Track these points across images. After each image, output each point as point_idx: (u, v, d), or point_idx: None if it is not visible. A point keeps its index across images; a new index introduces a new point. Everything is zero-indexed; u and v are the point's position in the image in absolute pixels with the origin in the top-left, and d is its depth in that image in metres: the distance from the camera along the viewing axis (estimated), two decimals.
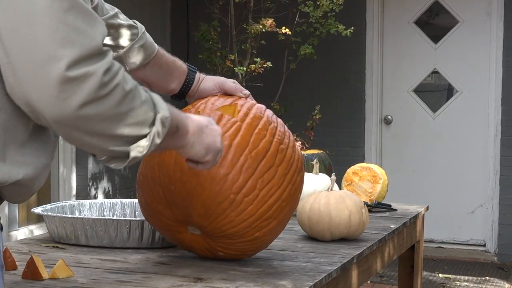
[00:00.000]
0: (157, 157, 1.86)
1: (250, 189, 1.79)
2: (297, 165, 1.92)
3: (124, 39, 1.89)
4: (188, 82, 2.00)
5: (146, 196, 1.89)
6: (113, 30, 1.87)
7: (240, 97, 1.97)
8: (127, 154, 1.36)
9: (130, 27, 1.90)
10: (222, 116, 1.86)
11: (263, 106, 1.95)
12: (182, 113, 1.52)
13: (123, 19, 1.90)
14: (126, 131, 1.32)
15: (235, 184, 1.78)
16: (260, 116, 1.89)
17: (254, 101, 1.97)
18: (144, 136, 1.36)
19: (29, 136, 1.35)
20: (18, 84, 1.23)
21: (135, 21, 1.94)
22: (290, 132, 1.97)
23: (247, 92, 1.97)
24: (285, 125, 1.96)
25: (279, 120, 1.96)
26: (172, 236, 1.94)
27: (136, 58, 1.90)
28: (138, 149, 1.36)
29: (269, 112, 1.94)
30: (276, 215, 1.85)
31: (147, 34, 1.94)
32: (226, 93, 1.99)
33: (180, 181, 1.79)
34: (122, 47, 1.88)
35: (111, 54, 1.29)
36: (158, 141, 1.38)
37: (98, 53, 1.25)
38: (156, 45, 1.96)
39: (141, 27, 1.93)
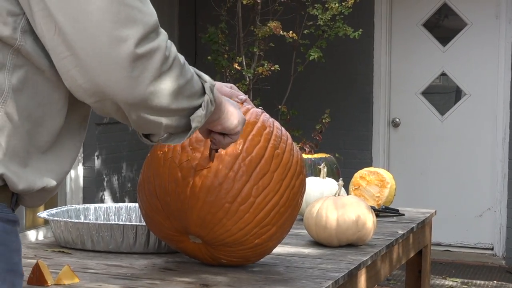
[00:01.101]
0: (152, 169, 1.85)
1: (245, 197, 1.78)
2: (295, 169, 1.89)
3: None
4: None
5: (145, 207, 1.88)
6: None
7: (237, 102, 1.92)
8: (187, 128, 1.39)
9: None
10: None
11: (258, 111, 1.93)
12: None
13: None
14: (187, 103, 1.35)
15: (229, 193, 1.77)
16: (254, 122, 1.87)
17: (250, 106, 1.93)
18: (199, 106, 1.39)
19: (52, 144, 1.35)
20: (86, 73, 1.23)
21: None
22: (289, 135, 1.94)
23: (243, 97, 1.92)
24: (282, 128, 1.94)
25: (276, 124, 1.93)
26: (175, 245, 1.93)
27: None
28: (198, 119, 1.39)
29: (264, 117, 1.91)
30: (275, 221, 1.83)
31: None
32: None
33: (174, 192, 1.78)
34: None
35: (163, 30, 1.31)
36: (212, 108, 1.42)
37: (156, 29, 1.27)
38: None
39: None
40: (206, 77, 1.42)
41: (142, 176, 1.89)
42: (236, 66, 5.85)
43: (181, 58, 1.33)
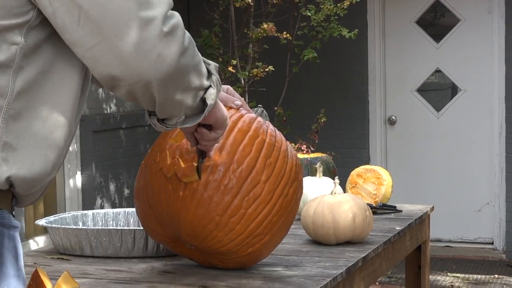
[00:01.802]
0: (144, 179, 1.85)
1: (236, 209, 1.77)
2: (289, 176, 1.87)
3: None
4: None
5: (141, 215, 1.89)
6: None
7: (231, 108, 1.88)
8: (201, 108, 1.44)
9: None
10: None
11: (252, 116, 1.89)
12: None
13: None
14: (201, 81, 1.41)
15: (219, 206, 1.76)
16: (246, 131, 1.83)
17: (244, 112, 1.89)
18: (209, 86, 1.44)
19: (55, 137, 1.36)
20: (117, 57, 1.26)
21: None
22: (283, 140, 1.90)
23: (239, 102, 1.90)
24: (276, 134, 1.89)
25: (270, 130, 1.89)
26: (172, 249, 1.94)
27: None
28: (211, 97, 1.44)
29: (257, 124, 1.87)
30: (267, 231, 1.82)
31: None
32: None
33: (166, 203, 1.79)
34: None
35: None
36: (220, 88, 1.47)
37: (171, 7, 1.32)
38: None
39: None
40: (207, 60, 1.47)
41: (136, 184, 1.90)
42: (231, 69, 5.85)
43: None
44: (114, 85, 1.31)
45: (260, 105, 2.02)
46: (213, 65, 1.47)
